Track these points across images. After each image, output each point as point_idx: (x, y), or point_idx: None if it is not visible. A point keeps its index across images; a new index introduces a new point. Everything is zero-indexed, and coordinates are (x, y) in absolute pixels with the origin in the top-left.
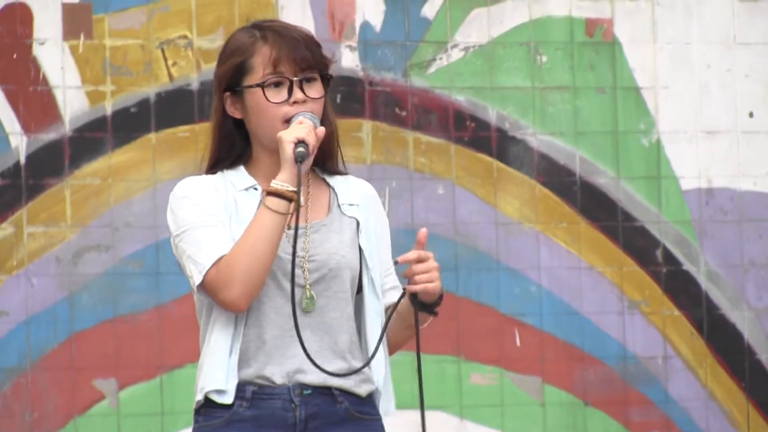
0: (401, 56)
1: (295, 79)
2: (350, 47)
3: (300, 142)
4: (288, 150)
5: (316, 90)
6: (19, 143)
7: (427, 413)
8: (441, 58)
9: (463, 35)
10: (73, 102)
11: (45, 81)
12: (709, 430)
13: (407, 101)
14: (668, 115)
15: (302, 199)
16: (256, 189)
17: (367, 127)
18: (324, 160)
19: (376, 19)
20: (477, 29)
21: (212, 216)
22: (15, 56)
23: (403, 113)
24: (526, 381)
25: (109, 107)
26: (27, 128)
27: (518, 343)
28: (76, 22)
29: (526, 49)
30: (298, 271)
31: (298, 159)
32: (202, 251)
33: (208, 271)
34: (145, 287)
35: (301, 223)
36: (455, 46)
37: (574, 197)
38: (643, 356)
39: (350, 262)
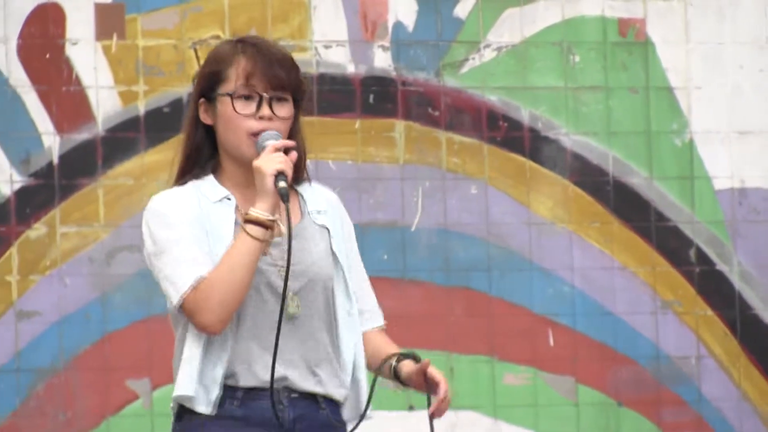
0: (434, 56)
1: (265, 95)
2: (383, 47)
3: (279, 174)
4: (269, 183)
5: (285, 110)
6: (52, 143)
7: (461, 413)
8: (473, 58)
9: (496, 35)
10: (105, 102)
11: (78, 81)
12: (742, 431)
13: (440, 101)
14: (701, 116)
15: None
16: (229, 199)
17: (399, 127)
18: (293, 176)
19: (409, 19)
20: (509, 29)
21: (188, 234)
22: (48, 56)
23: (436, 113)
24: (559, 381)
25: (141, 107)
26: (60, 128)
27: (551, 343)
28: (108, 23)
29: (558, 49)
30: (278, 281)
31: (284, 198)
32: (179, 272)
33: (186, 294)
34: None
35: (277, 236)
36: (488, 46)
37: (607, 197)
38: (676, 356)
39: (327, 270)
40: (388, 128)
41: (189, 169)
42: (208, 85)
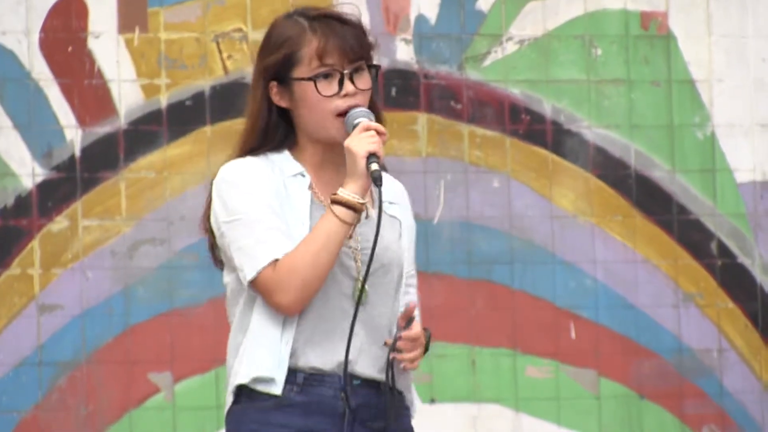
0: (456, 49)
1: (346, 72)
2: (405, 40)
3: (372, 156)
4: (361, 165)
5: (364, 81)
6: (74, 136)
7: (483, 406)
8: (496, 51)
9: (518, 28)
10: (128, 95)
11: (100, 74)
12: (764, 423)
13: (462, 94)
14: (723, 109)
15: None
16: (303, 176)
17: (422, 120)
18: None
19: (431, 12)
20: (532, 22)
21: (265, 205)
22: (70, 50)
23: (458, 106)
24: (581, 374)
25: (164, 100)
26: (82, 122)
27: (573, 336)
28: (131, 16)
29: (581, 42)
30: (351, 263)
31: (377, 182)
32: (258, 247)
33: (263, 270)
34: (200, 280)
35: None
36: (510, 39)
37: (629, 190)
38: (698, 349)
39: (400, 258)
40: (410, 121)
41: (257, 146)
42: (281, 68)
